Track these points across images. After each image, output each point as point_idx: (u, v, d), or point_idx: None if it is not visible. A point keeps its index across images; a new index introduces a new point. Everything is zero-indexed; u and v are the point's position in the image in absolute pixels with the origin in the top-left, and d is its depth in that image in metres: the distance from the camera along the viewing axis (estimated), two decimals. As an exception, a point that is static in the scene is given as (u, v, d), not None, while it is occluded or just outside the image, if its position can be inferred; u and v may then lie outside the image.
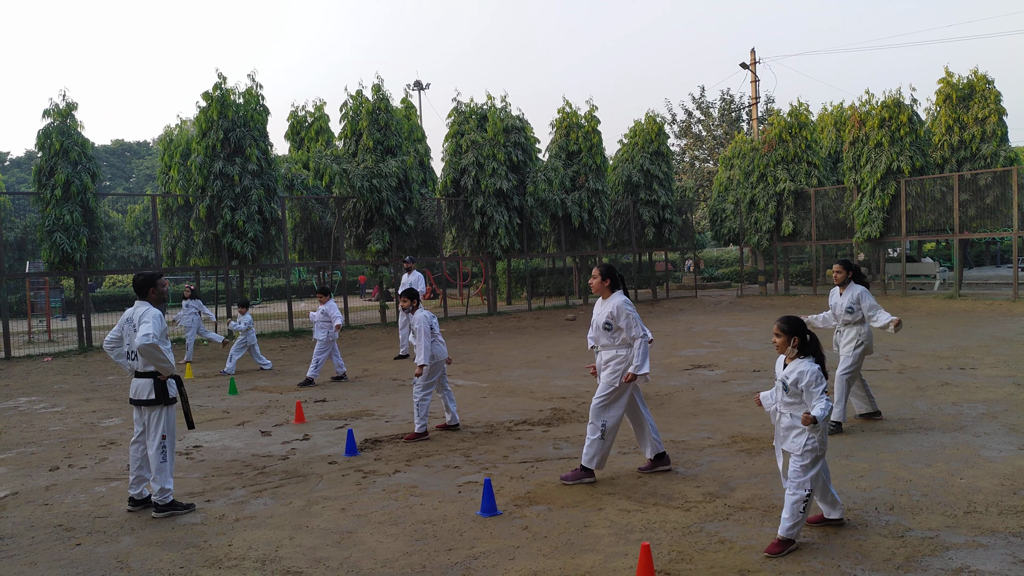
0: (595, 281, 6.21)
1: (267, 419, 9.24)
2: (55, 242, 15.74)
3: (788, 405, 4.74)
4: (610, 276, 6.18)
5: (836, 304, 7.68)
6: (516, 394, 10.31)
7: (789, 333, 4.75)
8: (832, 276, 7.78)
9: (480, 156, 20.87)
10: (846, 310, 7.55)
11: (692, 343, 14.96)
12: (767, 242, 25.50)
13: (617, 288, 6.22)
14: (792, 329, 4.75)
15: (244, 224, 17.38)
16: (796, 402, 4.71)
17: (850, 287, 7.62)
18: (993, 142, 21.53)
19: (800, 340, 4.74)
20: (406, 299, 8.24)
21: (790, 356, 4.78)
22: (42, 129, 16.09)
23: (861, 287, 7.61)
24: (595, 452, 6.06)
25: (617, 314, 6.04)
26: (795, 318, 4.83)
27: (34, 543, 5.27)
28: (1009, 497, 5.34)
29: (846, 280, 7.66)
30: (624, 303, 6.08)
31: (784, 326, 4.77)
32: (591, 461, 6.08)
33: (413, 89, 46.34)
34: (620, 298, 6.12)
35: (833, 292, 7.80)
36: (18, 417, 10.05)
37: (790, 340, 4.75)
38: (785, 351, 4.79)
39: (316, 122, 24.60)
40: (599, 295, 6.29)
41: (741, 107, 44.21)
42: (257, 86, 18.25)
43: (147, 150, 71.54)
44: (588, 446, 6.09)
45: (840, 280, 7.68)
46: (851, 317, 7.54)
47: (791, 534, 4.56)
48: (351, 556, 4.82)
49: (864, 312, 7.49)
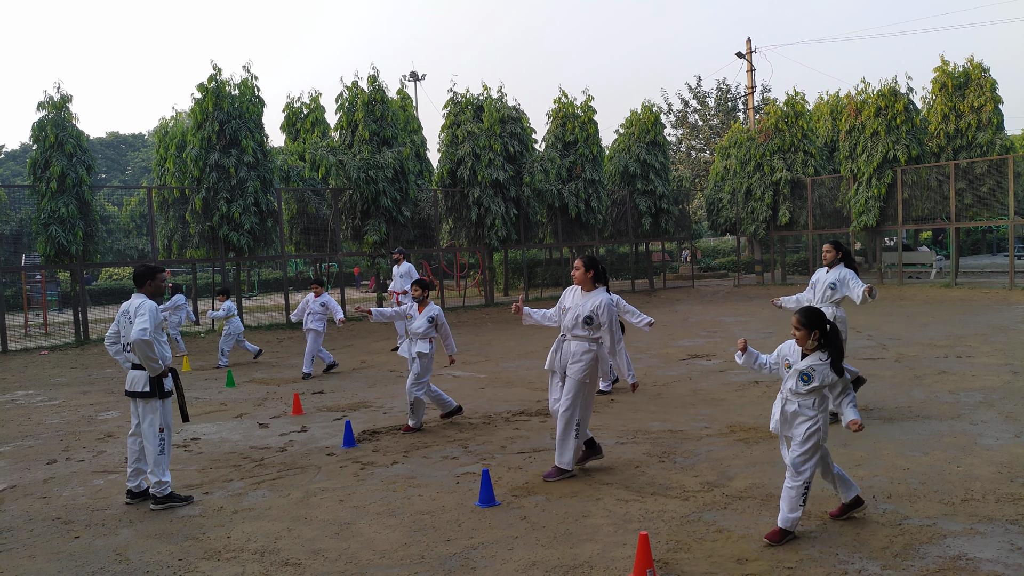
0: (578, 272, 6.07)
1: (265, 411, 9.24)
2: (51, 235, 15.69)
3: (799, 395, 4.72)
4: (593, 268, 6.08)
5: (819, 280, 7.68)
6: (514, 385, 10.32)
7: (809, 327, 4.70)
8: (823, 256, 7.80)
9: (476, 147, 20.82)
10: (829, 285, 7.56)
11: (690, 333, 14.97)
12: (764, 232, 25.50)
13: (600, 280, 6.13)
14: (812, 322, 4.70)
15: (240, 216, 17.34)
16: (808, 395, 4.69)
17: (838, 268, 7.64)
18: (989, 130, 21.53)
19: (821, 333, 4.71)
20: (418, 288, 8.10)
21: (810, 348, 4.75)
22: (37, 122, 16.01)
23: (849, 270, 7.62)
24: (571, 450, 5.97)
25: (602, 311, 5.94)
26: (814, 310, 4.78)
27: (32, 536, 5.27)
28: (1006, 485, 5.36)
29: (835, 260, 7.68)
30: (611, 303, 6.00)
31: (804, 319, 4.72)
32: (570, 463, 5.99)
33: (409, 80, 46.20)
34: (606, 295, 6.04)
35: (819, 271, 7.81)
36: (15, 410, 10.03)
37: (811, 333, 4.70)
38: (805, 344, 4.74)
39: (312, 113, 24.53)
40: (579, 285, 6.14)
41: (737, 96, 44.15)
42: (252, 77, 18.17)
43: (142, 142, 71.29)
44: (566, 449, 5.96)
45: (830, 260, 7.70)
46: (832, 293, 7.55)
47: (790, 524, 4.57)
48: (350, 547, 4.82)
49: (845, 285, 7.47)
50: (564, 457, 5.97)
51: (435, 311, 7.97)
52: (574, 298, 6.13)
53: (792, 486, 4.62)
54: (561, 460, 5.99)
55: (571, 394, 5.96)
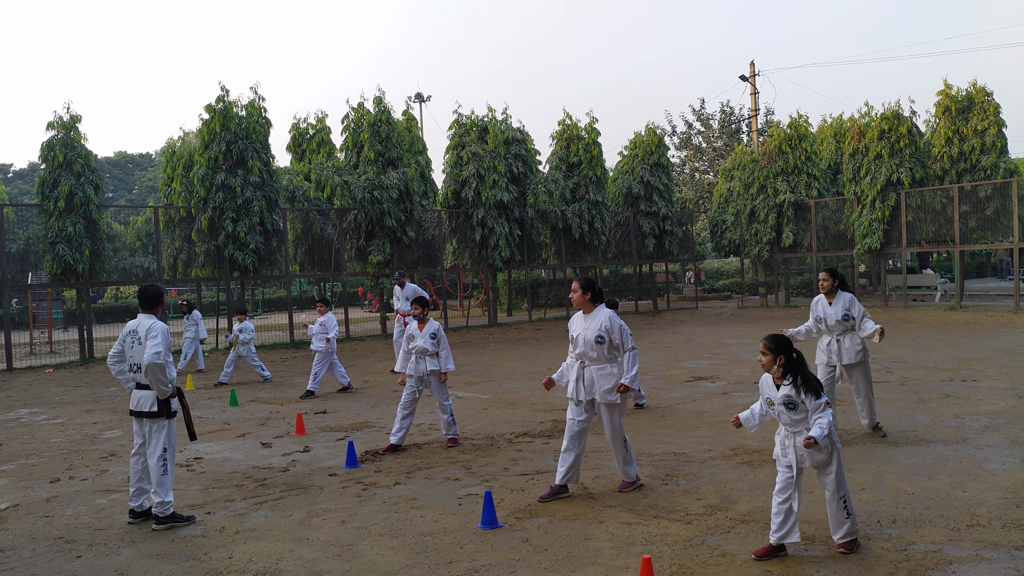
0: (576, 295, 6.14)
1: (268, 431, 9.23)
2: (57, 253, 15.77)
3: (798, 423, 4.72)
4: (591, 289, 6.15)
5: (827, 314, 7.68)
6: (517, 406, 10.30)
7: (775, 352, 4.75)
8: (820, 284, 7.82)
9: (481, 168, 20.93)
10: (842, 318, 7.57)
11: (693, 355, 14.94)
12: (767, 253, 25.52)
13: (598, 300, 6.18)
14: (779, 348, 4.75)
15: (245, 235, 17.42)
16: (804, 418, 4.70)
17: (839, 295, 7.66)
18: (993, 154, 21.58)
19: (786, 359, 4.74)
20: (418, 306, 8.19)
21: (776, 375, 4.79)
22: (46, 141, 16.16)
23: (849, 294, 7.67)
24: (634, 462, 6.27)
25: (611, 327, 6.01)
26: (780, 336, 4.84)
27: (35, 555, 5.26)
28: (1012, 510, 5.32)
29: (832, 288, 7.69)
30: (614, 316, 6.09)
31: (771, 344, 4.77)
32: (636, 473, 6.26)
33: (414, 101, 46.56)
34: (608, 311, 6.12)
35: (819, 301, 7.80)
36: (19, 429, 10.04)
37: (776, 359, 4.74)
38: (771, 370, 4.79)
39: (318, 134, 24.68)
40: (579, 309, 6.21)
41: (741, 119, 44.35)
42: (259, 98, 18.34)
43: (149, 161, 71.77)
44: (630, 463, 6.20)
45: (827, 288, 7.71)
46: (848, 324, 7.58)
47: (854, 536, 4.73)
48: (351, 569, 4.81)
49: (856, 318, 7.52)
50: (631, 469, 6.19)
51: (435, 326, 8.11)
52: (579, 324, 6.19)
53: (839, 501, 4.72)
54: (629, 474, 6.19)
55: (611, 421, 6.08)
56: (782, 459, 4.80)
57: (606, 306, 6.32)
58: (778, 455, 4.84)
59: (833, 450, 4.73)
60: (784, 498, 4.69)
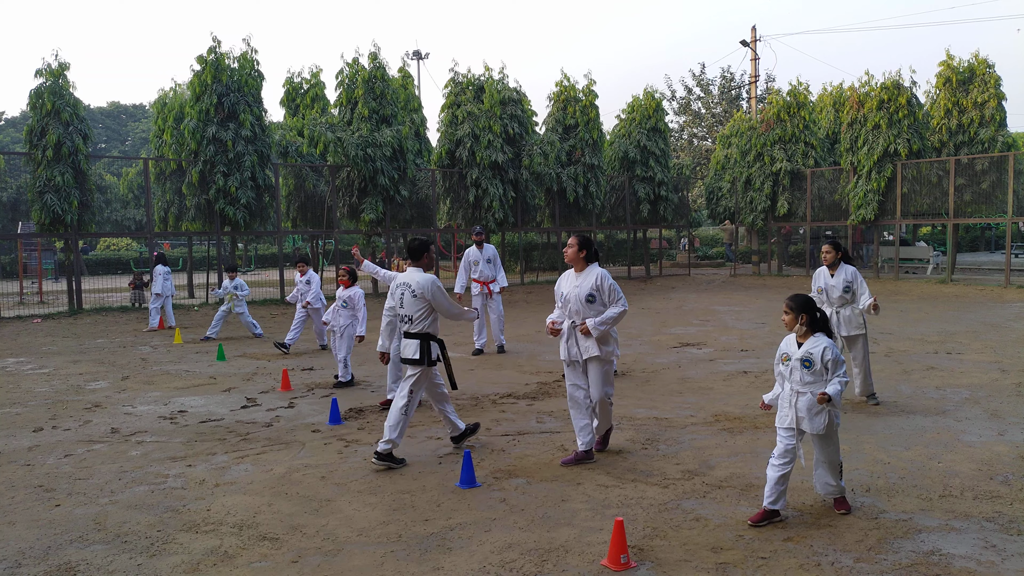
0: (571, 250, 6.03)
1: (253, 386, 9.25)
2: (46, 203, 15.62)
3: (808, 384, 4.75)
4: (586, 247, 6.05)
5: (830, 286, 7.68)
6: (504, 367, 10.33)
7: (797, 311, 4.82)
8: (822, 257, 7.78)
9: (476, 127, 20.71)
10: (843, 290, 7.58)
11: (682, 321, 14.98)
12: (762, 222, 25.46)
13: (592, 260, 6.10)
14: (800, 307, 4.82)
15: (237, 190, 17.27)
16: (816, 380, 4.74)
17: (841, 267, 7.65)
18: (991, 127, 21.44)
19: (809, 317, 4.81)
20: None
21: (800, 334, 4.84)
22: (34, 89, 15.89)
23: (852, 267, 7.66)
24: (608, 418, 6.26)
25: (602, 285, 5.94)
26: (803, 296, 4.91)
27: (14, 503, 5.29)
28: (985, 482, 5.38)
29: (835, 260, 7.68)
30: (607, 274, 6.01)
31: (792, 304, 4.85)
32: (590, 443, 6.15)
33: (412, 58, 45.95)
34: (601, 270, 6.03)
35: (821, 273, 7.79)
36: (5, 378, 10.04)
37: (798, 317, 4.81)
38: (794, 328, 4.85)
39: (312, 89, 24.35)
40: (572, 265, 6.11)
41: (741, 85, 43.92)
42: (252, 51, 18.04)
43: (143, 112, 70.83)
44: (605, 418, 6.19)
45: (830, 260, 7.69)
46: (848, 296, 7.59)
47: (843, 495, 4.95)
48: (328, 524, 4.84)
49: (857, 290, 7.54)
50: (604, 425, 6.21)
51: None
52: (570, 282, 6.08)
53: (832, 471, 4.87)
54: (601, 429, 6.20)
55: (599, 378, 6.00)
56: (783, 425, 4.84)
57: None
58: (779, 421, 4.87)
59: (832, 420, 4.79)
60: (782, 463, 4.74)
